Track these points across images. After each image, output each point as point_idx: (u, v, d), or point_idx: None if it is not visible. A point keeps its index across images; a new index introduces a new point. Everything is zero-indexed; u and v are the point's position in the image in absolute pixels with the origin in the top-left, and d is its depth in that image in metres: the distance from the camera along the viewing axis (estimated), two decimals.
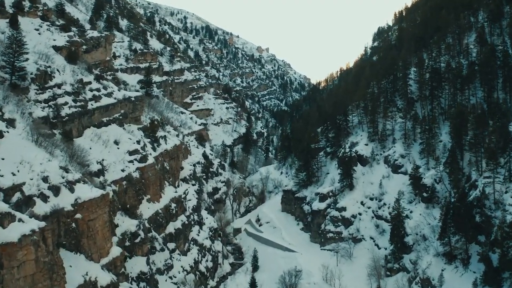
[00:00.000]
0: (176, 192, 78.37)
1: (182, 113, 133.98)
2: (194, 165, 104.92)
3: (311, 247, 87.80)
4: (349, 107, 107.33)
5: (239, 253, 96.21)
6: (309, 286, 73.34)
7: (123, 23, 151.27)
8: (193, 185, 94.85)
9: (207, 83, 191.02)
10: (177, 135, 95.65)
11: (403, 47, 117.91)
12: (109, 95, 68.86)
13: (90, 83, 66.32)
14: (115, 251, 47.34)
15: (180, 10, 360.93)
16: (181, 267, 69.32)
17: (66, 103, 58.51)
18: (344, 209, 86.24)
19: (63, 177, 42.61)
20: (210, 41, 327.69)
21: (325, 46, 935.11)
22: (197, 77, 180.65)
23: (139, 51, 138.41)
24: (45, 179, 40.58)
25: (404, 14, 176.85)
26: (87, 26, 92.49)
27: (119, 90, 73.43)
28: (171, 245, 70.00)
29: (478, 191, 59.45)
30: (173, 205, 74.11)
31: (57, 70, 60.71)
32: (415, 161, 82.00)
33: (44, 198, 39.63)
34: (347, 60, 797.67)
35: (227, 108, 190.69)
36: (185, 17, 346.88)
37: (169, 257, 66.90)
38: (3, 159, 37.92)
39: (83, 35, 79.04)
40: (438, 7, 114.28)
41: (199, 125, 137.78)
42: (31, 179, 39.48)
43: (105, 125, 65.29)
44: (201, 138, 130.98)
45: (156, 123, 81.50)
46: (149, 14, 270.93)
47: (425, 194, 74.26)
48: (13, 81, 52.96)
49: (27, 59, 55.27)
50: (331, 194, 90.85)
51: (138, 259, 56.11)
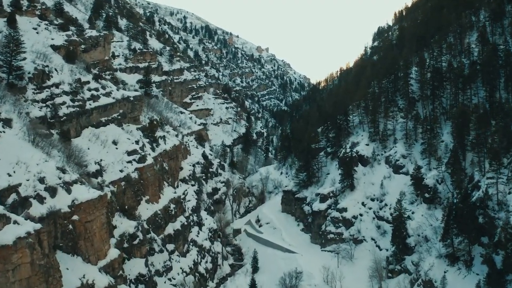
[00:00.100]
0: (175, 192, 77.72)
1: (182, 113, 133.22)
2: (194, 165, 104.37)
3: (312, 248, 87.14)
4: (349, 106, 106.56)
5: (238, 254, 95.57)
6: None
7: (122, 22, 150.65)
8: (192, 185, 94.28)
9: (207, 83, 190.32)
10: (177, 135, 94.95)
11: (404, 46, 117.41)
12: (107, 94, 68.23)
13: (88, 82, 65.72)
14: (113, 253, 46.65)
15: (179, 10, 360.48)
16: (180, 268, 68.70)
17: (64, 102, 57.93)
18: (345, 209, 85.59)
19: (60, 178, 42.02)
20: (210, 41, 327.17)
21: (324, 46, 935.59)
22: (197, 77, 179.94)
23: (138, 51, 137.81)
24: (41, 180, 40.02)
25: (404, 14, 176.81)
26: (86, 26, 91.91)
27: (117, 90, 72.75)
28: (170, 247, 69.32)
29: (481, 192, 58.65)
30: (172, 206, 73.44)
31: (55, 70, 60.08)
32: (416, 161, 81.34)
33: (41, 199, 39.09)
34: (347, 60, 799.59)
35: (226, 108, 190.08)
36: (184, 17, 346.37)
37: (168, 258, 66.26)
38: None
39: (81, 35, 78.29)
40: (440, 6, 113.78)
41: (199, 125, 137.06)
42: (27, 180, 38.96)
43: (104, 125, 64.64)
44: (201, 138, 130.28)
45: (155, 123, 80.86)
46: (148, 14, 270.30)
47: (427, 195, 73.51)
48: (10, 80, 52.35)
49: (24, 58, 54.69)
50: (331, 194, 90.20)
51: (136, 261, 55.42)
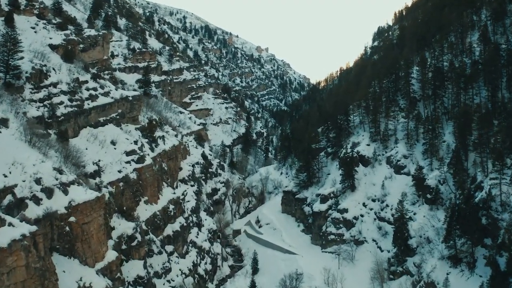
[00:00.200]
0: (174, 193, 76.94)
1: (181, 113, 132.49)
2: (193, 165, 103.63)
3: (312, 249, 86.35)
4: (350, 106, 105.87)
5: (238, 255, 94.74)
6: None
7: (122, 22, 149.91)
8: (191, 186, 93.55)
9: (206, 83, 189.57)
10: (176, 135, 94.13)
11: (405, 46, 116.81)
12: (106, 94, 67.46)
13: (86, 82, 64.99)
14: (111, 255, 45.85)
15: (179, 9, 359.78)
16: (180, 270, 67.83)
17: (61, 102, 57.23)
18: (345, 210, 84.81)
19: (56, 179, 41.27)
20: (209, 41, 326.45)
21: (324, 46, 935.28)
22: (196, 76, 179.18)
23: (138, 50, 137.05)
24: (38, 181, 39.29)
25: (404, 14, 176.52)
26: (85, 25, 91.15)
27: (116, 90, 72.00)
28: (169, 248, 68.47)
29: (484, 193, 58.01)
30: (171, 206, 72.66)
31: (53, 69, 59.38)
32: (418, 161, 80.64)
33: (37, 201, 38.33)
34: (347, 60, 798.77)
35: (226, 108, 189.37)
36: (184, 17, 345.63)
37: (167, 260, 65.38)
38: None
39: (80, 34, 77.63)
40: (441, 5, 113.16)
41: (198, 125, 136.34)
42: (23, 181, 38.25)
43: (102, 125, 63.81)
44: (200, 138, 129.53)
45: (154, 123, 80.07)
46: (148, 14, 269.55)
47: (428, 196, 72.82)
48: (8, 80, 51.62)
49: (22, 58, 53.94)
50: (332, 195, 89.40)
51: (135, 263, 54.60)
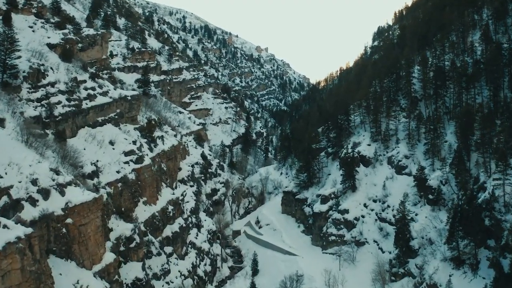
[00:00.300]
0: (173, 194, 76.12)
1: (180, 112, 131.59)
2: (193, 165, 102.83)
3: (313, 251, 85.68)
4: (350, 106, 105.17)
5: (238, 256, 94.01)
6: None
7: (121, 22, 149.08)
8: (191, 186, 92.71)
9: (206, 83, 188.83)
10: (175, 135, 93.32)
11: (405, 45, 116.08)
12: (104, 94, 66.72)
13: (85, 81, 64.26)
14: (109, 257, 45.07)
15: (179, 9, 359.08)
16: (179, 271, 67.07)
17: (59, 102, 56.41)
18: (346, 211, 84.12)
19: (53, 180, 40.46)
20: (209, 41, 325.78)
21: (324, 46, 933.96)
22: (196, 76, 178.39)
23: (137, 50, 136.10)
24: (34, 182, 38.47)
25: (404, 14, 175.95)
26: (84, 25, 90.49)
27: (115, 89, 71.29)
28: (168, 249, 67.69)
29: (487, 194, 57.22)
30: (170, 207, 71.88)
31: (51, 68, 58.61)
32: (419, 162, 79.90)
33: (33, 202, 37.53)
34: (347, 60, 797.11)
35: (226, 108, 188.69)
36: (184, 17, 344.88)
37: (166, 261, 64.54)
38: None
39: (78, 33, 76.84)
40: (442, 5, 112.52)
41: (198, 125, 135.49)
42: (20, 182, 37.45)
43: (100, 125, 63.07)
44: (200, 138, 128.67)
45: (153, 123, 79.29)
46: (147, 14, 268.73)
47: (430, 196, 72.08)
48: (5, 79, 50.86)
49: (19, 57, 53.20)
50: (333, 196, 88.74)
51: (133, 265, 53.73)
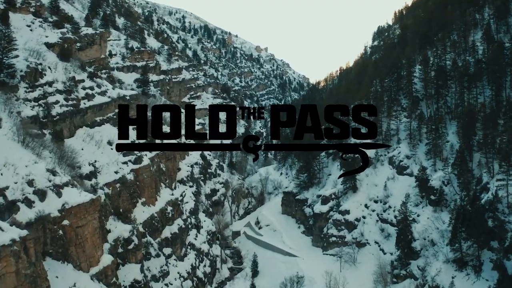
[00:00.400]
0: (172, 194, 75.21)
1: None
2: (192, 166, 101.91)
3: (313, 252, 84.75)
4: (351, 106, 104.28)
5: (238, 257, 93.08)
6: None
7: (120, 21, 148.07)
8: (190, 186, 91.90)
9: (206, 83, 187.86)
10: None
11: (406, 45, 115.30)
12: (103, 93, 66.13)
13: (83, 81, 63.63)
14: (106, 259, 44.34)
15: (178, 9, 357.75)
16: (178, 273, 66.22)
17: (57, 101, 55.76)
18: (347, 212, 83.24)
19: (49, 181, 39.71)
20: (209, 41, 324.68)
21: (323, 46, 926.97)
22: (195, 76, 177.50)
23: (136, 50, 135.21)
24: (30, 183, 37.73)
25: (404, 13, 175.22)
26: (83, 24, 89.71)
27: (113, 89, 70.63)
28: (167, 250, 66.90)
29: (490, 194, 56.51)
30: (169, 208, 71.05)
31: (49, 68, 57.91)
32: (421, 162, 78.96)
33: (29, 203, 36.79)
34: (347, 60, 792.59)
35: None
36: (183, 17, 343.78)
37: (165, 263, 63.78)
38: None
39: (77, 32, 76.18)
40: (443, 4, 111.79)
41: (197, 124, 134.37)
42: (15, 183, 36.71)
43: (99, 125, 62.53)
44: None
45: None
46: (147, 13, 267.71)
47: (432, 197, 71.24)
48: (1, 78, 50.04)
49: (16, 56, 52.51)
50: (333, 196, 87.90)
51: (131, 267, 52.98)
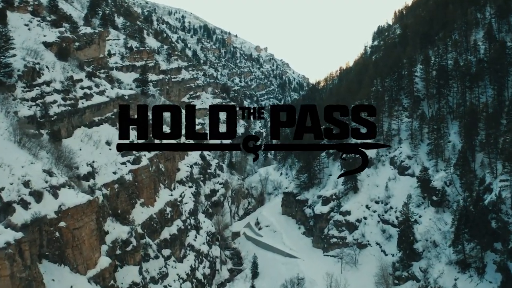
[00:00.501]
0: (171, 195, 74.35)
1: None
2: (191, 166, 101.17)
3: (314, 253, 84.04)
4: (351, 106, 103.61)
5: (238, 258, 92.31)
6: None
7: (119, 21, 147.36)
8: (189, 187, 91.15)
9: (205, 82, 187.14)
10: None
11: (407, 44, 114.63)
12: (101, 93, 65.34)
13: (81, 80, 62.87)
14: (104, 261, 43.50)
15: (178, 9, 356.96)
16: (177, 275, 65.45)
17: (55, 101, 54.94)
18: (348, 213, 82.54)
19: (46, 182, 38.87)
20: (208, 40, 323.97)
21: (323, 46, 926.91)
22: (195, 76, 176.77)
23: (135, 49, 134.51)
24: (26, 184, 36.87)
25: (404, 13, 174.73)
26: (82, 23, 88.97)
27: (112, 88, 69.90)
28: (166, 252, 66.13)
29: (493, 195, 55.83)
30: (168, 209, 70.24)
31: (46, 67, 57.12)
32: (423, 162, 78.25)
33: (25, 205, 35.94)
34: (347, 60, 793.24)
35: None
36: (183, 16, 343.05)
37: (164, 264, 63.01)
38: None
39: (75, 31, 75.21)
40: (444, 3, 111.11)
41: (197, 124, 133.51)
42: (11, 184, 35.85)
43: (97, 125, 61.70)
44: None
45: (151, 122, 77.77)
46: (146, 13, 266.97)
47: (434, 198, 70.49)
48: None
49: (14, 55, 51.69)
50: (334, 197, 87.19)
51: (129, 269, 52.24)
